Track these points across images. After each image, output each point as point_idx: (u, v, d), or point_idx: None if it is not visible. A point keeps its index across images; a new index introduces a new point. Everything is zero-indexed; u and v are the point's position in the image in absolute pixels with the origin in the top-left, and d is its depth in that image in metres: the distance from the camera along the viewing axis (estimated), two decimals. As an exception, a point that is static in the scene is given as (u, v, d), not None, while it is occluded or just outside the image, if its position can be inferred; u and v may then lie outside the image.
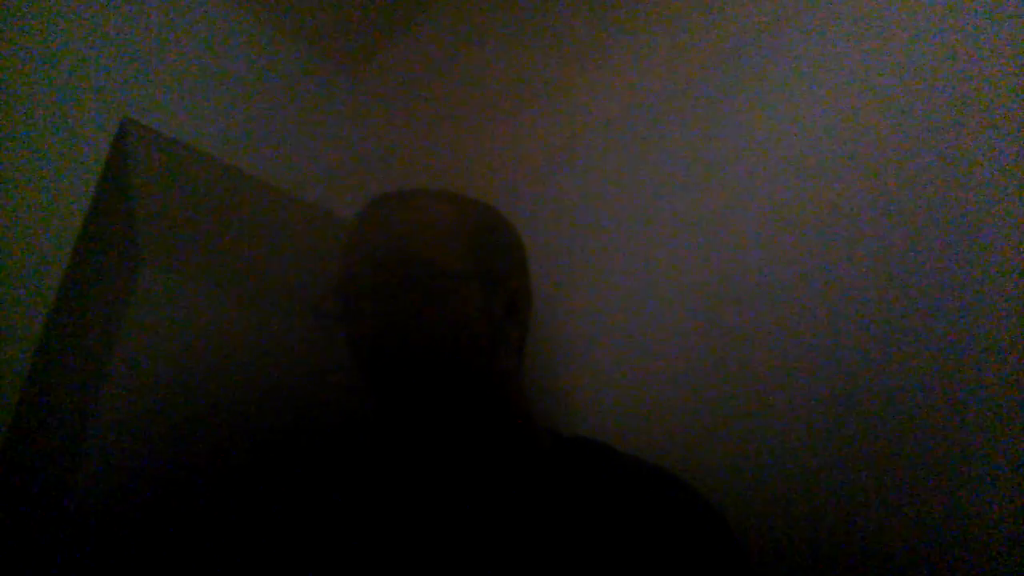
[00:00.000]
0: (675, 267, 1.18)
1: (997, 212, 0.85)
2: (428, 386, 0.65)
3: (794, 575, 0.87)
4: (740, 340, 1.04)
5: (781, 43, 1.16)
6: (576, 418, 1.21)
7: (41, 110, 1.19)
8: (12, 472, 1.07)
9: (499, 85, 1.56)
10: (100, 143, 1.23)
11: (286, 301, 1.81)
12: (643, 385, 1.14)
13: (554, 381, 1.29)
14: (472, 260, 0.70)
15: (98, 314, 1.40)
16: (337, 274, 0.70)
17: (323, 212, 1.55)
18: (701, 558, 0.62)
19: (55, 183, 1.16)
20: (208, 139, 1.38)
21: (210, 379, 1.67)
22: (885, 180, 0.96)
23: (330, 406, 1.83)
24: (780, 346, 0.99)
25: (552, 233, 1.42)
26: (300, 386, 1.81)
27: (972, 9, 0.94)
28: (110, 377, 1.52)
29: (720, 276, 1.11)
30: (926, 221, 0.90)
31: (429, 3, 1.49)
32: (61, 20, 1.26)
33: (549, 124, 1.53)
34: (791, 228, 1.05)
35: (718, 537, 0.65)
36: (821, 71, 1.09)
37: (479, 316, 0.69)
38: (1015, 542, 0.73)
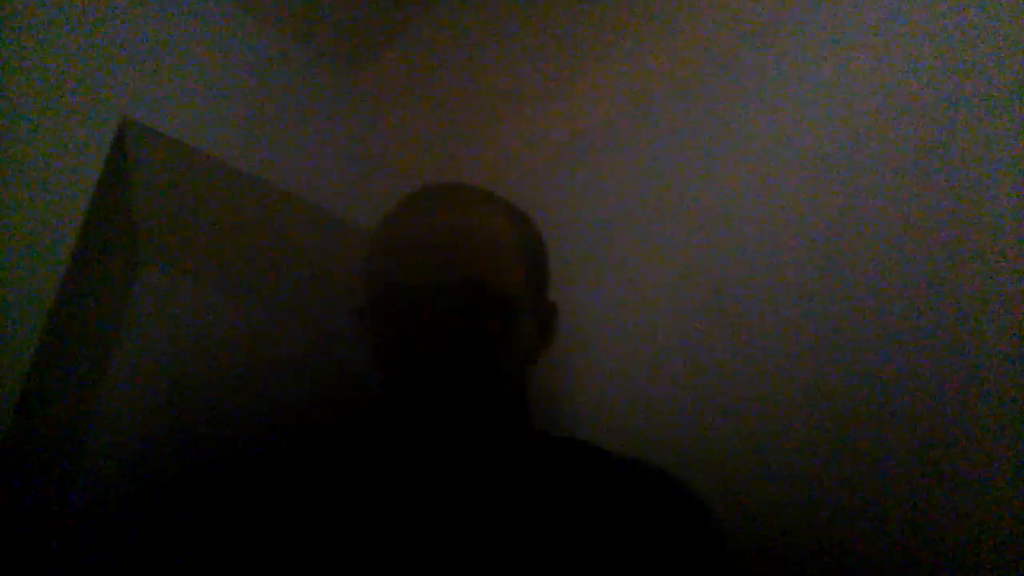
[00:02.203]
0: (676, 267, 1.18)
1: (997, 212, 0.85)
2: (471, 401, 0.64)
3: (794, 574, 0.87)
4: (741, 339, 1.04)
5: (781, 43, 1.16)
6: (577, 418, 1.21)
7: (41, 110, 1.19)
8: (12, 472, 1.07)
9: (499, 85, 1.56)
10: (100, 143, 1.23)
11: (286, 301, 1.81)
12: (644, 384, 1.14)
13: (555, 381, 1.29)
14: (526, 286, 0.69)
15: (98, 314, 1.40)
16: (384, 277, 0.66)
17: (323, 212, 1.55)
18: (682, 545, 0.63)
19: (55, 183, 1.16)
20: (208, 139, 1.38)
21: (210, 379, 1.67)
22: (885, 178, 0.96)
23: (329, 406, 1.83)
24: (781, 345, 0.99)
25: (551, 234, 1.42)
26: (299, 385, 1.81)
27: (972, 9, 0.94)
28: (110, 377, 1.52)
29: (721, 276, 1.11)
30: (927, 220, 0.90)
31: (429, 3, 1.49)
32: (61, 20, 1.26)
33: (549, 124, 1.53)
34: (792, 226, 1.05)
35: (699, 523, 0.66)
36: (821, 70, 1.09)
37: (527, 338, 0.69)
38: (1015, 542, 0.73)
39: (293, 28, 1.58)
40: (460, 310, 0.62)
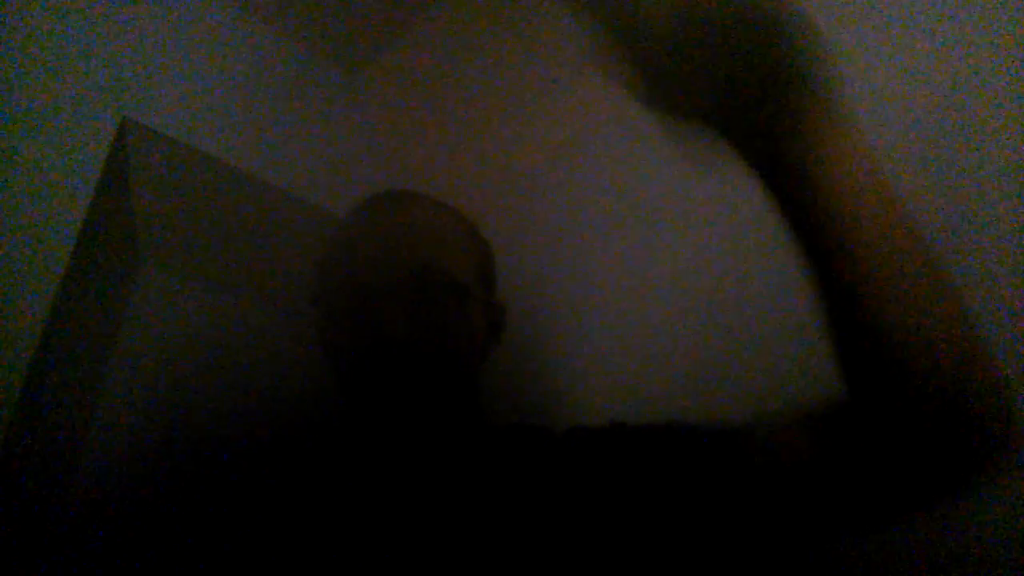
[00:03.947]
0: (677, 265, 1.18)
1: (997, 212, 0.85)
2: (425, 391, 0.66)
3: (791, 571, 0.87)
4: (742, 339, 1.04)
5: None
6: (577, 415, 1.21)
7: (41, 110, 1.19)
8: (12, 472, 1.07)
9: (499, 84, 1.56)
10: (100, 143, 1.24)
11: (285, 301, 1.82)
12: (643, 385, 1.14)
13: (552, 381, 1.29)
14: (474, 274, 0.72)
15: (98, 314, 1.40)
16: (343, 270, 0.69)
17: (323, 212, 1.55)
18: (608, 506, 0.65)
19: (55, 183, 1.16)
20: (208, 139, 1.39)
21: (209, 379, 1.67)
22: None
23: (329, 405, 1.83)
24: (779, 346, 0.99)
25: (552, 233, 1.42)
26: (299, 385, 1.81)
27: (972, 9, 0.94)
28: (110, 377, 1.52)
29: (721, 275, 1.11)
30: (926, 220, 0.91)
31: (429, 3, 1.49)
32: (61, 20, 1.27)
33: (549, 123, 1.53)
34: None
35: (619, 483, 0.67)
36: (821, 71, 1.09)
37: (478, 327, 0.71)
38: (1015, 542, 0.73)
39: (293, 28, 1.58)
40: (416, 293, 0.65)
